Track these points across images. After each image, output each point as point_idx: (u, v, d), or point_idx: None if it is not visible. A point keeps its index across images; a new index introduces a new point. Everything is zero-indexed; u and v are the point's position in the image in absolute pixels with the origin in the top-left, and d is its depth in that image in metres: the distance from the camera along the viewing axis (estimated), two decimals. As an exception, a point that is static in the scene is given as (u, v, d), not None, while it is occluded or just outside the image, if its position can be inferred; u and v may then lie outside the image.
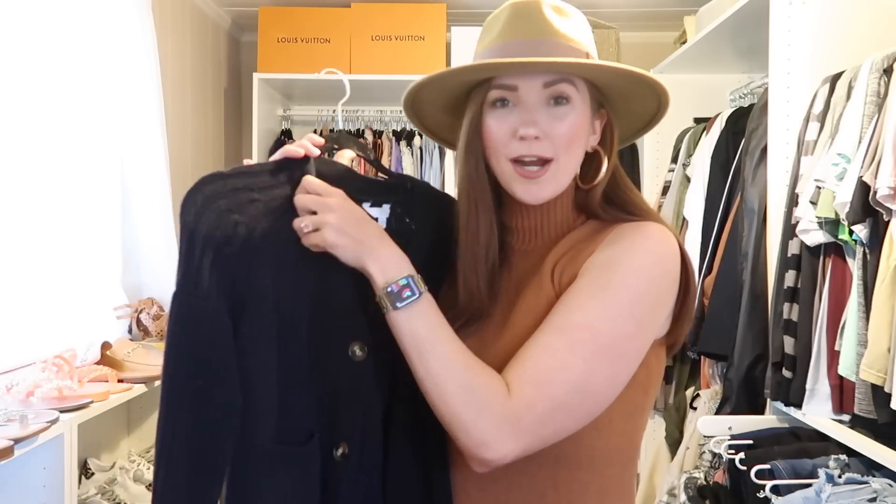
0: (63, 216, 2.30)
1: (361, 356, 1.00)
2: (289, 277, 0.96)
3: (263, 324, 0.93)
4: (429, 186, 1.20)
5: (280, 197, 0.97)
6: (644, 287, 1.01)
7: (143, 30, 2.65)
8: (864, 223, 1.77)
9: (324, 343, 0.99)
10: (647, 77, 1.07)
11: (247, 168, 0.99)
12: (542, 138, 1.04)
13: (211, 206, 0.90)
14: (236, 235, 0.90)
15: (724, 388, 2.47)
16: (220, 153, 3.81)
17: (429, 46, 3.52)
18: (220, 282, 0.89)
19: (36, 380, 1.90)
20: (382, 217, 1.09)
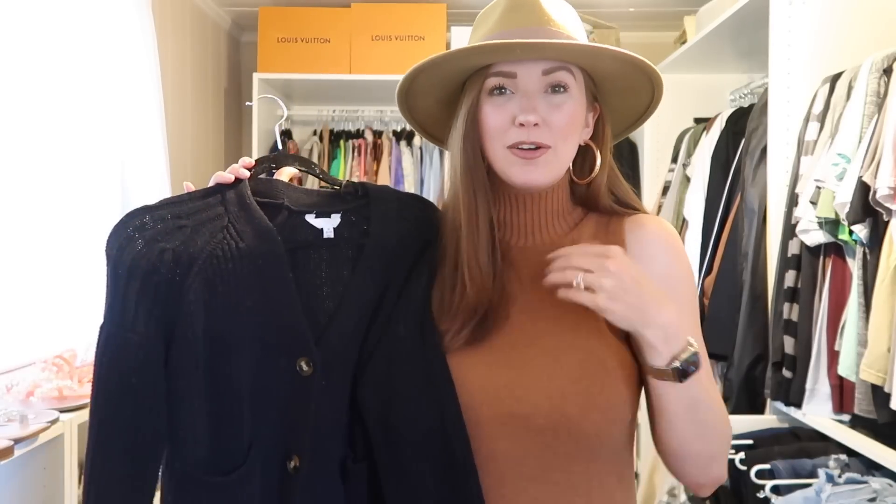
0: (63, 216, 2.30)
1: (308, 371, 0.96)
2: (224, 298, 0.94)
3: (191, 348, 0.93)
4: (388, 190, 1.13)
5: (210, 220, 0.97)
6: (693, 279, 1.13)
7: (143, 30, 2.65)
8: (864, 223, 1.77)
9: (269, 359, 0.96)
10: (644, 63, 1.07)
11: (175, 198, 0.99)
12: (541, 125, 1.04)
13: (136, 238, 0.92)
14: (163, 262, 0.92)
15: (724, 388, 2.47)
16: (220, 153, 3.81)
17: (429, 46, 3.52)
18: (149, 310, 0.91)
19: (36, 380, 1.90)
20: (330, 226, 1.04)
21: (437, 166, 3.78)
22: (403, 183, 3.78)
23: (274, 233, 0.98)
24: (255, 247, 0.96)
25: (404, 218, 1.08)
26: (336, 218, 1.04)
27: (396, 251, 1.05)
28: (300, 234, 1.02)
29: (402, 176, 3.79)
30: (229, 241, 0.96)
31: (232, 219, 0.98)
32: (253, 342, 0.95)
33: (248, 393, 0.96)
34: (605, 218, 1.13)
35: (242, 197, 1.00)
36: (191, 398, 0.94)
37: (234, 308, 0.95)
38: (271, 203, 1.02)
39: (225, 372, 0.95)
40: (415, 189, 3.79)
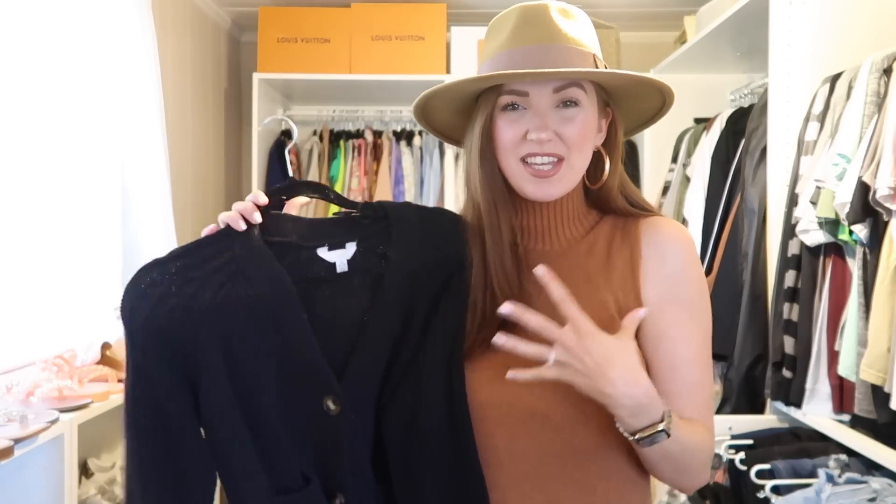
0: (63, 216, 2.30)
1: (336, 410, 0.96)
2: (242, 345, 0.95)
3: (220, 394, 0.94)
4: (409, 209, 1.08)
5: (219, 268, 0.96)
6: (706, 287, 1.15)
7: (143, 30, 2.65)
8: (863, 223, 1.77)
9: (297, 399, 0.97)
10: (656, 81, 1.10)
11: (184, 248, 0.99)
12: (554, 140, 1.06)
13: (147, 296, 0.93)
14: (174, 318, 0.92)
15: (724, 388, 2.47)
16: (220, 153, 3.81)
17: (429, 46, 3.52)
18: (169, 362, 0.93)
19: (36, 380, 1.90)
20: (343, 259, 1.01)
21: (437, 166, 3.78)
22: (403, 183, 3.77)
23: (283, 275, 0.96)
24: (266, 292, 0.95)
25: (428, 239, 1.05)
26: (351, 247, 1.02)
27: (419, 277, 1.01)
28: (313, 271, 1.00)
29: (402, 176, 3.78)
30: (238, 289, 0.95)
31: (241, 265, 0.96)
32: (280, 384, 0.96)
33: (285, 431, 0.97)
34: (620, 220, 1.15)
35: (250, 240, 0.97)
36: (240, 440, 0.95)
37: (254, 354, 0.95)
38: (280, 242, 0.99)
39: (259, 413, 0.96)
40: (415, 189, 3.79)
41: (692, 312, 1.09)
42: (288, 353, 0.96)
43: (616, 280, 1.10)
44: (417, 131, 3.89)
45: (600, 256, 1.12)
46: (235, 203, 1.01)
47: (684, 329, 1.09)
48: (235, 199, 4.08)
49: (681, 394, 1.07)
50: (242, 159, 4.06)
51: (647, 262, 1.10)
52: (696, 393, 1.08)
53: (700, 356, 1.10)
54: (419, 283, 1.01)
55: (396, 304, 0.99)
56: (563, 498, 1.05)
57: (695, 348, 1.09)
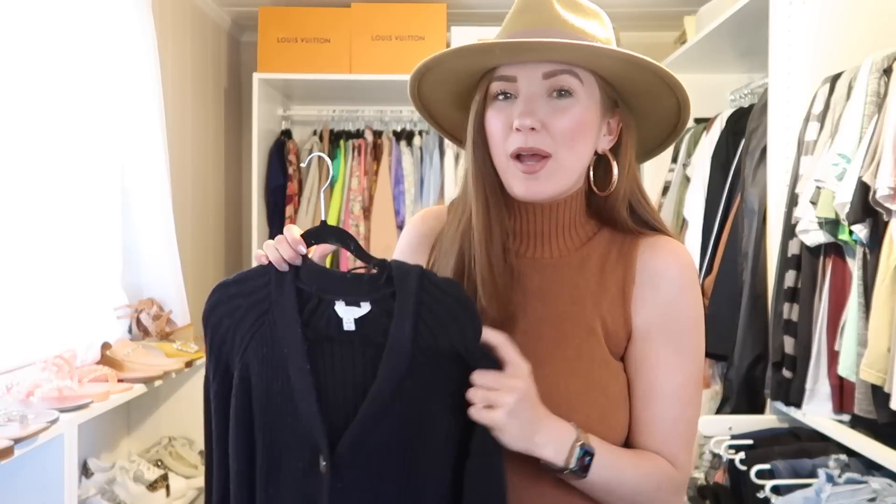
0: (63, 216, 2.30)
1: (324, 470, 0.96)
2: (259, 379, 1.01)
3: (238, 417, 1.01)
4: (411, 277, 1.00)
5: (258, 301, 1.03)
6: (701, 318, 1.09)
7: (143, 30, 2.65)
8: (863, 223, 1.77)
9: (296, 446, 0.99)
10: (650, 63, 1.01)
11: (243, 275, 1.05)
12: (540, 130, 0.99)
13: (214, 313, 1.04)
14: (227, 337, 1.03)
15: (724, 388, 2.47)
16: (220, 153, 3.81)
17: (429, 46, 3.52)
18: (223, 374, 1.04)
19: (36, 380, 1.90)
20: (352, 317, 1.00)
21: (437, 166, 3.78)
22: (403, 183, 3.77)
23: (296, 324, 0.99)
24: (282, 335, 0.99)
25: (422, 318, 0.98)
26: (365, 306, 1.00)
27: (418, 361, 0.97)
28: (324, 326, 1.00)
29: (402, 176, 3.78)
30: (266, 326, 1.01)
31: (272, 304, 1.01)
32: (284, 425, 0.99)
33: (275, 471, 0.99)
34: (619, 236, 1.08)
35: (284, 283, 1.02)
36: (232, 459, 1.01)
37: (266, 390, 1.00)
38: (304, 290, 1.02)
39: (259, 445, 1.00)
40: (415, 189, 3.78)
41: (679, 345, 1.04)
42: (293, 399, 0.99)
43: (606, 303, 1.05)
44: (417, 131, 3.89)
45: (592, 274, 1.06)
46: (280, 241, 1.01)
47: (668, 361, 1.04)
48: (235, 199, 4.10)
49: (652, 424, 1.04)
50: (242, 159, 4.06)
51: (639, 288, 1.05)
52: (671, 427, 1.04)
53: (682, 390, 1.04)
54: (420, 367, 0.98)
55: (395, 383, 0.97)
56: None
57: (677, 382, 1.04)
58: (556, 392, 1.00)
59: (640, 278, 1.05)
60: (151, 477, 2.45)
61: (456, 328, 0.98)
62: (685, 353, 1.05)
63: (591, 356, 1.03)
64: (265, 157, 3.74)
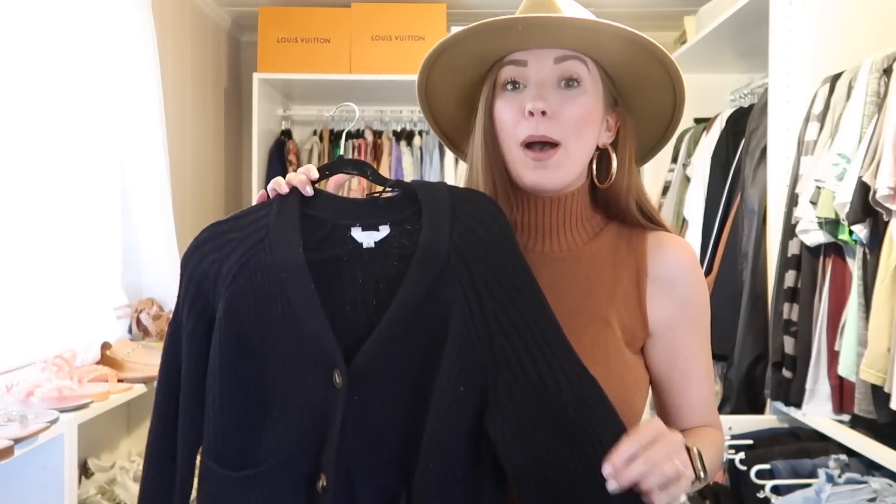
0: (63, 216, 2.30)
1: (339, 383, 0.95)
2: (254, 308, 0.98)
3: (218, 350, 0.99)
4: (439, 189, 1.03)
5: (254, 231, 1.01)
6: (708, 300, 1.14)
7: (143, 30, 2.65)
8: (863, 223, 1.77)
9: (305, 369, 0.97)
10: (652, 45, 1.05)
11: (241, 212, 1.05)
12: (551, 116, 1.03)
13: (198, 250, 1.02)
14: (210, 271, 1.01)
15: (724, 388, 2.47)
16: (220, 153, 3.81)
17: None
18: (199, 314, 1.01)
19: (36, 380, 1.90)
20: (372, 239, 1.00)
21: (437, 166, 3.78)
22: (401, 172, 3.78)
23: (297, 245, 0.98)
24: (280, 259, 0.98)
25: (459, 220, 1.00)
26: (384, 229, 1.00)
27: (451, 264, 0.97)
28: (339, 247, 1.00)
29: (402, 176, 3.78)
30: (261, 253, 0.99)
31: (270, 231, 1.00)
32: (286, 352, 0.97)
33: (281, 400, 0.97)
34: (626, 230, 1.12)
35: (286, 210, 1.01)
36: (214, 396, 0.98)
37: (265, 318, 0.98)
38: (317, 216, 1.01)
39: (256, 376, 0.98)
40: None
41: (700, 329, 1.11)
42: (296, 322, 0.97)
43: (620, 297, 1.07)
44: (417, 131, 3.89)
45: (604, 268, 1.09)
46: (290, 174, 1.03)
47: (695, 347, 1.10)
48: (235, 199, 4.09)
49: (695, 406, 1.11)
50: (242, 159, 4.06)
51: (654, 283, 1.08)
52: (708, 402, 1.13)
53: (709, 370, 1.13)
54: (453, 269, 0.98)
55: (424, 288, 0.96)
56: None
57: (705, 363, 1.12)
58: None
59: (653, 274, 1.08)
60: (151, 477, 2.45)
61: (494, 224, 1.00)
62: (705, 335, 1.12)
63: (606, 346, 1.05)
64: (265, 157, 3.74)
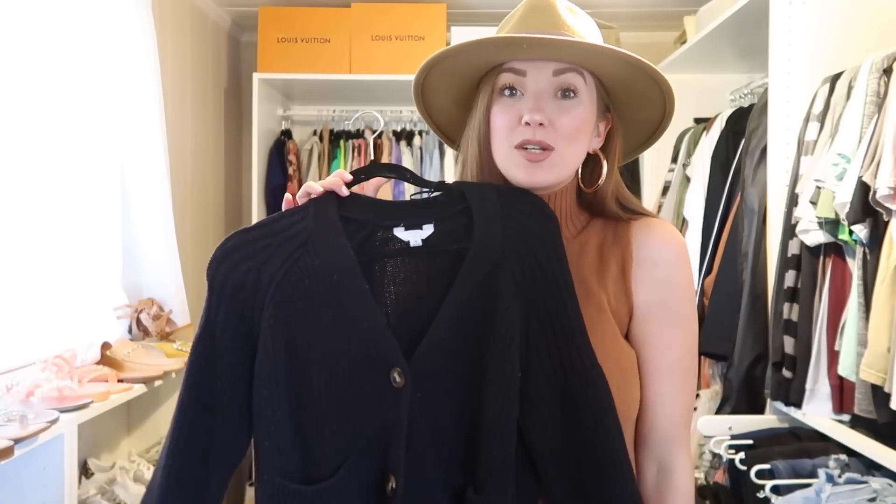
0: (63, 216, 2.30)
1: (401, 382, 0.94)
2: (303, 314, 0.96)
3: (271, 362, 0.95)
4: (486, 188, 1.05)
5: (291, 237, 0.99)
6: (693, 292, 1.15)
7: (143, 30, 2.65)
8: (863, 223, 1.77)
9: (359, 373, 0.96)
10: (649, 66, 1.08)
11: (268, 218, 1.02)
12: (547, 126, 1.05)
13: (228, 258, 0.98)
14: (247, 280, 0.97)
15: (724, 388, 2.47)
16: (220, 153, 3.81)
17: (429, 46, 3.52)
18: (235, 326, 0.97)
19: (36, 380, 1.90)
20: (419, 237, 1.00)
21: (437, 166, 3.78)
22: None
23: (346, 247, 0.97)
24: (329, 262, 0.97)
25: (511, 216, 1.02)
26: (428, 228, 1.01)
27: (506, 255, 0.99)
28: (385, 247, 1.00)
29: (402, 176, 3.78)
30: (305, 258, 0.97)
31: (311, 236, 0.98)
32: (339, 357, 0.96)
33: (337, 407, 0.96)
34: (611, 223, 1.15)
35: (324, 213, 1.00)
36: (273, 409, 0.96)
37: (314, 324, 0.96)
38: (356, 219, 1.01)
39: (308, 385, 0.96)
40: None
41: (677, 319, 1.10)
42: (349, 325, 0.96)
43: (609, 282, 1.10)
44: (417, 131, 3.89)
45: (592, 257, 1.12)
46: (323, 180, 1.04)
47: (668, 335, 1.09)
48: (235, 199, 4.10)
49: (657, 404, 1.09)
50: (242, 159, 4.06)
51: (638, 265, 1.10)
52: (676, 403, 1.09)
53: (679, 364, 1.10)
54: (506, 261, 0.99)
55: (478, 282, 0.97)
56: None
57: (676, 354, 1.09)
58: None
59: (637, 256, 1.11)
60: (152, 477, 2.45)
61: (545, 219, 1.02)
62: (682, 325, 1.10)
63: (602, 332, 1.06)
64: (265, 157, 3.74)
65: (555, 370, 0.99)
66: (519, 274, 0.99)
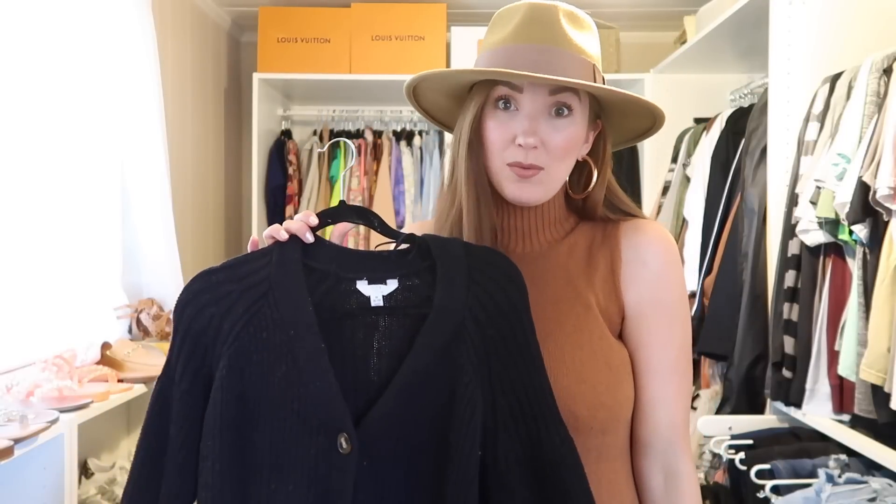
0: (64, 216, 2.30)
1: (347, 449, 0.90)
2: (258, 367, 0.93)
3: (219, 411, 0.93)
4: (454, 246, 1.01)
5: (255, 284, 0.96)
6: (685, 291, 1.15)
7: (143, 30, 2.65)
8: (863, 223, 1.77)
9: (306, 433, 0.92)
10: (650, 104, 1.09)
11: (234, 260, 0.99)
12: (539, 148, 1.06)
13: (193, 302, 0.96)
14: (210, 327, 0.95)
15: (724, 388, 2.47)
16: (220, 153, 3.81)
17: (429, 46, 3.52)
18: (195, 370, 0.95)
19: (36, 380, 1.90)
20: (380, 294, 0.96)
21: (437, 166, 3.78)
22: (403, 183, 3.77)
23: (306, 302, 0.94)
24: (288, 316, 0.94)
25: (477, 283, 0.98)
26: (392, 283, 0.97)
27: (465, 326, 0.95)
28: (346, 303, 0.96)
29: (403, 176, 3.79)
30: (265, 309, 0.94)
31: (273, 285, 0.95)
32: (288, 413, 0.93)
33: (280, 466, 0.93)
34: (600, 224, 1.15)
35: (288, 262, 0.96)
36: (213, 461, 0.93)
37: (267, 378, 0.93)
38: (319, 269, 0.97)
39: (254, 439, 0.93)
40: (415, 189, 3.79)
41: (671, 317, 1.09)
42: (301, 382, 0.92)
43: (598, 282, 1.09)
44: (417, 131, 3.89)
45: (581, 258, 1.12)
46: (287, 221, 1.00)
47: (662, 334, 1.08)
48: (235, 199, 4.10)
49: (657, 402, 1.08)
50: (242, 159, 4.06)
51: (627, 265, 1.10)
52: (675, 402, 1.08)
53: (678, 362, 1.09)
54: (467, 331, 0.95)
55: (437, 350, 0.93)
56: None
57: (672, 354, 1.08)
58: (564, 365, 1.04)
59: (626, 256, 1.11)
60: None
61: (512, 289, 0.99)
62: (676, 324, 1.09)
63: (590, 330, 1.07)
64: (265, 157, 3.74)
65: (523, 445, 0.95)
66: (481, 345, 0.96)
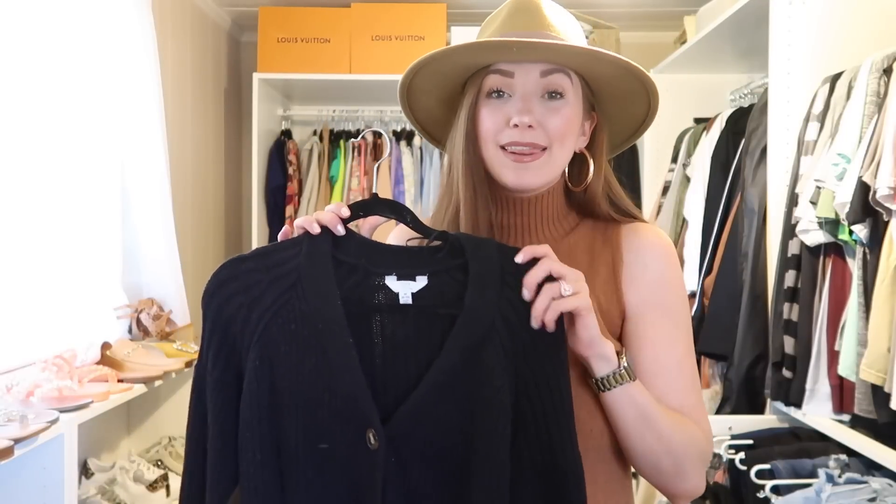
0: (63, 216, 2.30)
1: (375, 445, 0.91)
2: (287, 358, 0.93)
3: (254, 401, 0.93)
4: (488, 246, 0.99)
5: (284, 275, 0.95)
6: (686, 293, 1.16)
7: (143, 30, 2.65)
8: (863, 223, 1.77)
9: (337, 426, 0.92)
10: (637, 69, 1.08)
11: (264, 249, 0.99)
12: (536, 127, 1.06)
13: (221, 290, 0.96)
14: (238, 315, 0.95)
15: (724, 388, 2.47)
16: (220, 153, 3.81)
17: (429, 46, 3.51)
18: (227, 358, 0.95)
19: (36, 380, 1.90)
20: (409, 291, 0.95)
21: (437, 166, 3.78)
22: (403, 183, 3.77)
23: (335, 296, 0.94)
24: (317, 309, 0.93)
25: (508, 285, 0.96)
26: (422, 280, 0.96)
27: (495, 328, 0.94)
28: (373, 298, 0.96)
29: (403, 176, 3.79)
30: (294, 300, 0.94)
31: (302, 277, 0.95)
32: (318, 406, 0.93)
33: (313, 455, 0.93)
34: (601, 224, 1.15)
35: (317, 254, 0.96)
36: (254, 451, 0.93)
37: (296, 369, 0.93)
38: (348, 262, 0.97)
39: (287, 431, 0.93)
40: (415, 189, 3.79)
41: (675, 318, 1.09)
42: (331, 377, 0.92)
43: (598, 284, 1.09)
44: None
45: (582, 259, 1.11)
46: (319, 213, 1.00)
47: (668, 334, 1.08)
48: (235, 199, 4.10)
49: (668, 396, 1.06)
50: (242, 159, 4.06)
51: (628, 268, 1.10)
52: (685, 395, 1.07)
53: (685, 360, 1.09)
54: (497, 333, 0.94)
55: (466, 352, 0.93)
56: None
57: (679, 353, 1.08)
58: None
59: (627, 259, 1.11)
60: (151, 477, 2.45)
61: None
62: (681, 325, 1.10)
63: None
64: (265, 157, 3.74)
65: (540, 452, 0.95)
66: (511, 350, 0.95)
